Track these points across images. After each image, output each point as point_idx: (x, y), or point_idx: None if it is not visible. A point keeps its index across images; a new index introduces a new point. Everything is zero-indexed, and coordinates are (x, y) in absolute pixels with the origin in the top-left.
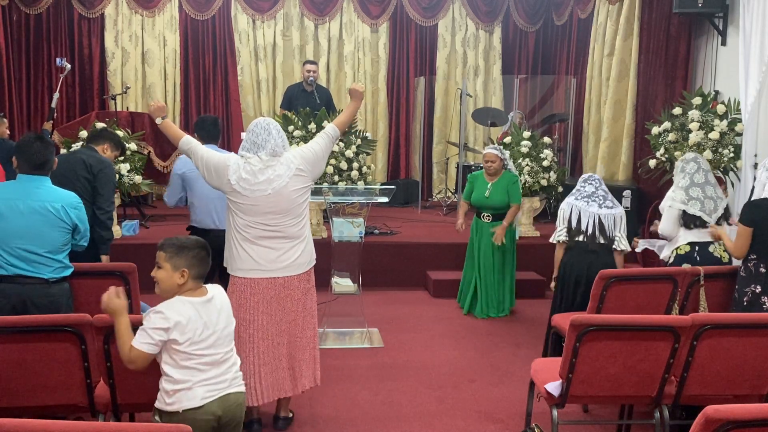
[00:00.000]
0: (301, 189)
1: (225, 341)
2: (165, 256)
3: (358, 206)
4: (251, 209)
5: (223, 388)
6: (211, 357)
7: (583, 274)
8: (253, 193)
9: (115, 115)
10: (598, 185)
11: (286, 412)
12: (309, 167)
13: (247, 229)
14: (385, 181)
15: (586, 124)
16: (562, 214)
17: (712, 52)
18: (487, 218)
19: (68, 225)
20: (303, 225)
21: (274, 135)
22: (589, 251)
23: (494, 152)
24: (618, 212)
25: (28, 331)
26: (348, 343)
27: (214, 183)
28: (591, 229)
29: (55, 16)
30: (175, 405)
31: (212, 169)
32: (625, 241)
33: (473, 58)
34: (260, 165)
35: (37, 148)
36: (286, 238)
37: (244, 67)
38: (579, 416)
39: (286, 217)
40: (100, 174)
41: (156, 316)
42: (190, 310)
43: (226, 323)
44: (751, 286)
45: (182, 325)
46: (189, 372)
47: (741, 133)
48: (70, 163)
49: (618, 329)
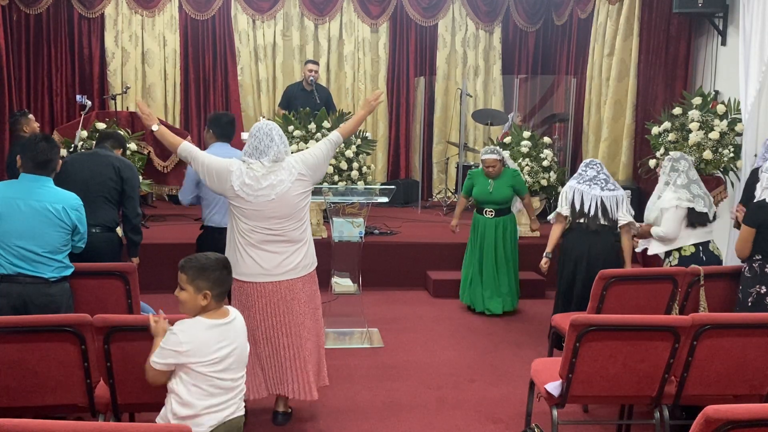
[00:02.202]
0: (303, 193)
1: (240, 366)
2: (187, 278)
3: (358, 206)
4: (255, 214)
5: (229, 414)
6: (224, 382)
7: (584, 254)
8: (256, 199)
9: (115, 115)
10: (600, 169)
11: (285, 407)
12: (310, 172)
13: (251, 234)
14: (385, 181)
15: (586, 124)
16: (564, 196)
17: (712, 52)
18: (490, 213)
19: (68, 226)
20: (304, 228)
21: (276, 141)
22: (590, 232)
23: (493, 157)
24: (620, 194)
25: (28, 331)
26: (348, 343)
27: (216, 188)
28: (593, 210)
29: (55, 16)
30: None
31: (214, 175)
32: (629, 216)
33: (473, 58)
34: (263, 170)
35: (42, 147)
36: (289, 241)
37: (244, 67)
38: (579, 416)
39: (289, 221)
40: (128, 178)
41: (173, 338)
42: (207, 334)
43: (244, 346)
44: (756, 287)
45: (195, 350)
46: (199, 393)
47: (741, 133)
48: (97, 165)
49: (618, 329)
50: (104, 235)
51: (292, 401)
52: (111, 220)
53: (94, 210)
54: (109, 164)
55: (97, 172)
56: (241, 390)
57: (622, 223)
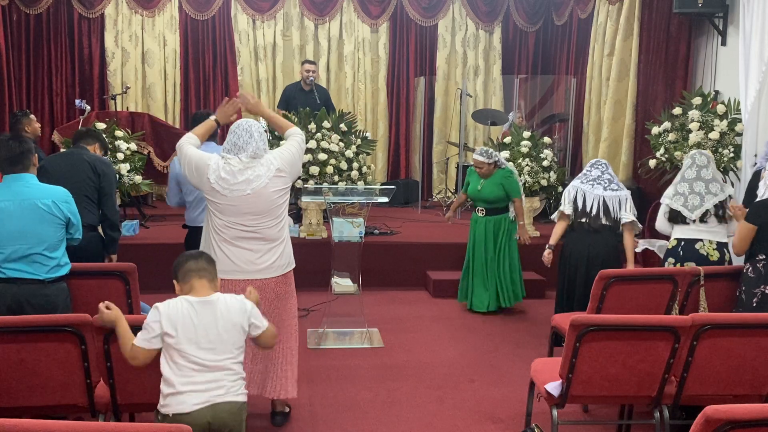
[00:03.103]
0: (281, 190)
1: (223, 348)
2: None
3: (358, 206)
4: (229, 209)
5: (217, 396)
6: (203, 361)
7: (584, 254)
8: (231, 193)
9: (115, 115)
10: (605, 169)
11: (282, 407)
12: (288, 168)
13: (225, 230)
14: (385, 181)
15: (586, 124)
16: (567, 195)
17: (712, 52)
18: (481, 212)
19: (61, 219)
20: (282, 227)
21: (255, 137)
22: (591, 231)
23: (480, 158)
24: (623, 194)
25: (28, 331)
26: (348, 343)
27: (195, 182)
28: (595, 210)
29: (55, 16)
30: (167, 408)
31: (194, 168)
32: (631, 215)
33: (473, 58)
34: (240, 166)
35: (11, 144)
36: (264, 239)
37: (244, 67)
38: (579, 416)
39: (264, 218)
40: (104, 174)
41: (152, 310)
42: (184, 306)
43: (224, 330)
44: (760, 287)
45: (173, 318)
46: (181, 372)
47: (741, 133)
48: (73, 164)
49: (618, 329)
50: (88, 235)
51: (291, 401)
52: (93, 219)
53: None
54: (84, 161)
55: (74, 171)
56: (234, 374)
57: (624, 221)
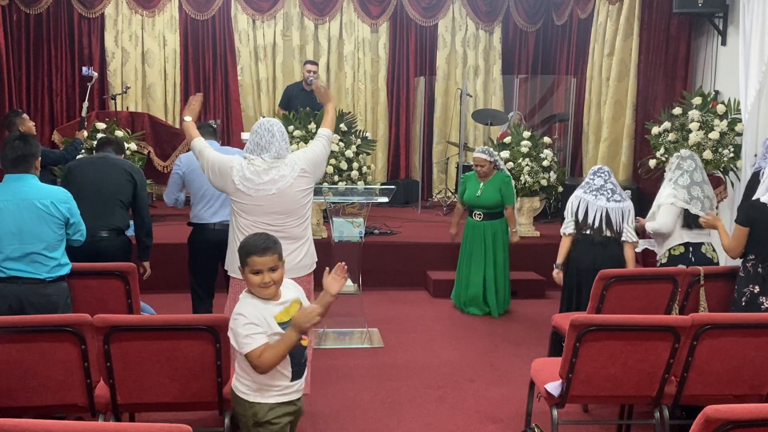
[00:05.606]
0: (306, 190)
1: None
2: (278, 255)
3: (358, 206)
4: (255, 209)
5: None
6: None
7: (590, 267)
8: (257, 193)
9: (115, 115)
10: (607, 178)
11: None
12: (312, 168)
13: (251, 230)
14: (385, 181)
15: (586, 124)
16: (570, 207)
17: (712, 52)
18: (479, 217)
19: (60, 219)
20: (306, 225)
21: (277, 137)
22: (595, 244)
23: (483, 156)
24: (626, 206)
25: (28, 331)
26: (348, 343)
27: (218, 184)
28: (598, 222)
29: (55, 16)
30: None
31: (217, 171)
32: (633, 233)
33: (473, 58)
34: (264, 166)
35: (16, 145)
36: (290, 238)
37: (244, 67)
38: (579, 416)
39: (289, 217)
40: (141, 182)
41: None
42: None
43: None
44: (749, 287)
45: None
46: None
47: (741, 133)
48: (111, 170)
49: (618, 329)
50: (118, 239)
51: None
52: (123, 224)
53: (108, 214)
54: (122, 169)
55: (111, 176)
56: None
57: (626, 240)
